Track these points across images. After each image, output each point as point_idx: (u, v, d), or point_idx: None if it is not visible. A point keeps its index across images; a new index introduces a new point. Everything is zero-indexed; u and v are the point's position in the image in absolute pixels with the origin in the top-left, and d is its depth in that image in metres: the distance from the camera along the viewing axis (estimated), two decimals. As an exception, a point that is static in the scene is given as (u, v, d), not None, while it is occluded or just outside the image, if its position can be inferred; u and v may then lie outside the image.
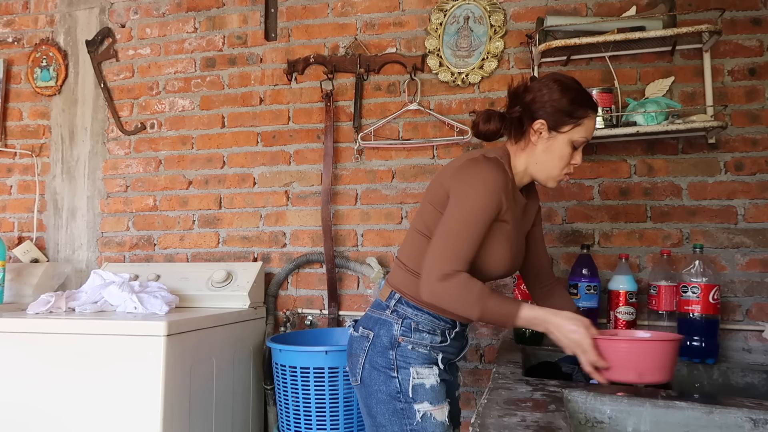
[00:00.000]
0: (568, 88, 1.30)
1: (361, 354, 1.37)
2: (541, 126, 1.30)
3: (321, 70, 2.25)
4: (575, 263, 1.87)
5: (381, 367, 1.33)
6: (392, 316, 1.36)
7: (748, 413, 0.99)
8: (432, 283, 1.24)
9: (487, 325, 2.03)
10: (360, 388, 1.38)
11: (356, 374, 1.38)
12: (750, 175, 1.88)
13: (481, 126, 1.37)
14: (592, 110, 1.31)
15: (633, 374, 1.19)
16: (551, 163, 1.32)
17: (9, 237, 2.51)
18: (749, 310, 1.85)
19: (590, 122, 1.31)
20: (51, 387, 1.64)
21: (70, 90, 2.52)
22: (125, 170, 2.44)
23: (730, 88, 1.91)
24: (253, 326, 2.10)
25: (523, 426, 0.86)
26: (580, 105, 1.29)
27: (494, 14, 2.09)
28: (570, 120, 1.29)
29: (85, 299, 1.91)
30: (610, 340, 1.23)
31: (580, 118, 1.29)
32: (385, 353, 1.33)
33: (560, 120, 1.29)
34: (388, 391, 1.32)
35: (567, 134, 1.29)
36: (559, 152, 1.31)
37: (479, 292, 1.22)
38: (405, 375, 1.31)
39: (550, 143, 1.31)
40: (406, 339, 1.34)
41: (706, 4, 1.92)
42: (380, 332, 1.35)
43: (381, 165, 2.19)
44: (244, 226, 2.31)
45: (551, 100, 1.29)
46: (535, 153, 1.33)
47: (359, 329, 1.41)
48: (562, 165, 1.32)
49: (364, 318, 1.44)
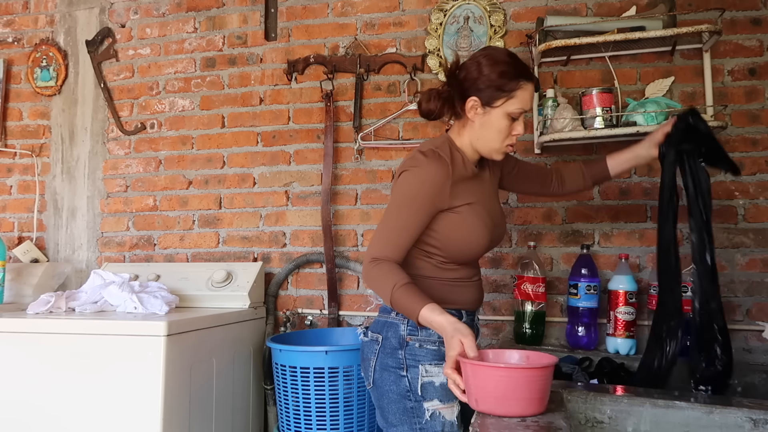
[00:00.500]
0: (497, 61, 1.29)
1: (372, 357, 1.38)
2: (475, 103, 1.31)
3: (321, 70, 2.25)
4: (575, 263, 1.87)
5: (391, 368, 1.34)
6: (398, 317, 1.36)
7: (748, 413, 0.99)
8: (364, 266, 1.31)
9: (487, 325, 2.03)
10: (373, 391, 1.39)
11: (369, 377, 1.39)
12: (750, 175, 1.88)
13: (423, 105, 1.39)
14: (525, 80, 1.30)
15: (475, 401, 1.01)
16: (491, 137, 1.33)
17: (9, 237, 2.51)
18: (749, 310, 1.85)
19: (524, 93, 1.30)
20: (51, 387, 1.64)
21: (70, 90, 2.52)
22: (125, 170, 2.44)
23: (730, 88, 1.91)
24: (253, 326, 2.10)
25: (523, 426, 0.86)
26: (511, 78, 1.28)
27: (494, 14, 2.09)
28: (502, 94, 1.29)
29: (85, 299, 1.91)
30: (460, 360, 1.06)
31: (511, 90, 1.29)
32: (395, 353, 1.34)
33: (492, 95, 1.29)
34: (398, 391, 1.32)
35: (501, 108, 1.30)
36: (496, 126, 1.32)
37: (392, 282, 1.24)
38: (414, 373, 1.32)
39: (486, 118, 1.32)
40: (414, 337, 1.34)
41: (706, 4, 1.92)
42: (388, 334, 1.36)
43: (381, 165, 2.19)
44: (244, 226, 2.31)
45: (480, 76, 1.29)
46: (474, 129, 1.34)
47: (369, 334, 1.42)
48: (502, 137, 1.33)
49: (373, 323, 1.45)
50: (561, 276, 1.97)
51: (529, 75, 1.32)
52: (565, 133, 1.84)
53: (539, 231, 2.02)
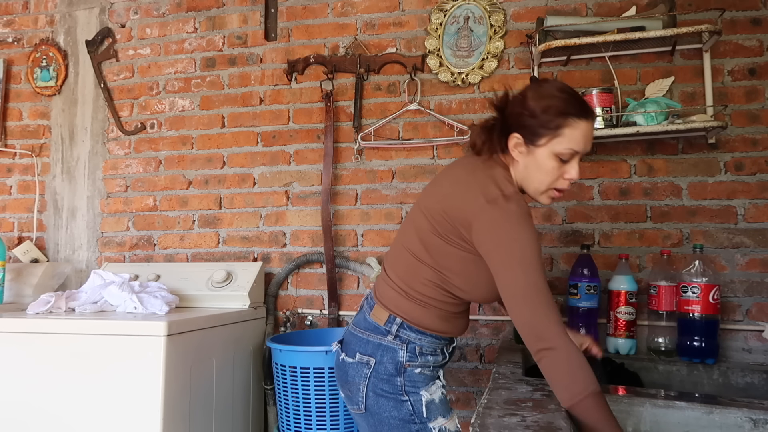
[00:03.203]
0: (543, 95, 1.18)
1: (362, 381, 1.30)
2: (518, 140, 1.20)
3: (321, 70, 2.25)
4: (575, 263, 1.87)
5: (389, 394, 1.28)
6: (395, 342, 1.29)
7: (748, 413, 0.99)
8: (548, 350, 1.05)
9: (487, 325, 2.04)
10: (366, 417, 1.31)
11: (358, 402, 1.31)
12: (750, 175, 1.88)
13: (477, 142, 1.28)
14: (577, 117, 1.15)
15: None
16: (537, 178, 1.21)
17: (9, 237, 2.51)
18: (749, 310, 1.85)
19: (574, 132, 1.15)
20: (51, 387, 1.64)
21: (70, 90, 2.52)
22: (125, 170, 2.44)
23: (730, 88, 1.91)
24: (253, 326, 2.10)
25: (523, 426, 0.86)
26: (558, 113, 1.15)
27: (494, 14, 2.09)
28: (545, 131, 1.16)
29: (85, 299, 1.91)
30: None
31: (557, 128, 1.15)
32: (392, 380, 1.28)
33: (534, 132, 1.17)
34: (400, 416, 1.27)
35: (546, 147, 1.17)
36: (542, 167, 1.19)
37: (586, 385, 1.02)
38: (416, 397, 1.28)
39: (530, 159, 1.20)
40: (413, 363, 1.29)
41: (706, 4, 1.92)
42: (383, 359, 1.29)
43: (381, 165, 2.19)
44: (244, 226, 2.31)
45: (524, 111, 1.18)
46: (519, 168, 1.23)
47: (355, 355, 1.31)
48: (549, 180, 1.21)
49: (357, 342, 1.33)
50: (561, 276, 1.97)
51: (580, 111, 1.16)
52: (565, 133, 1.84)
53: (539, 231, 2.02)
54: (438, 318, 1.30)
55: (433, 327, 1.30)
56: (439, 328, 1.31)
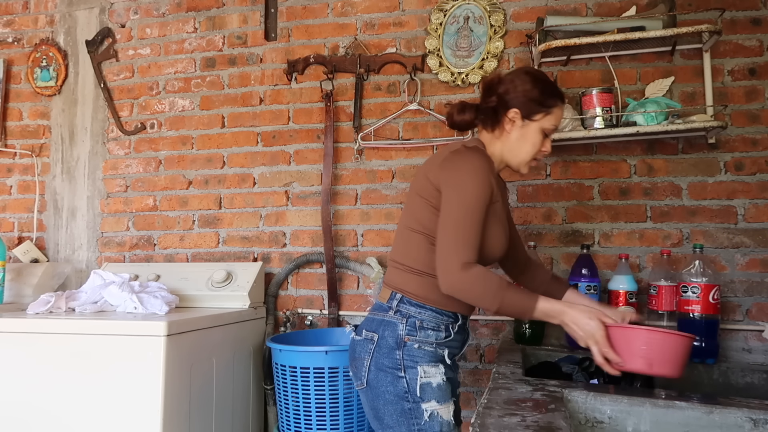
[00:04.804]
0: (539, 79, 1.39)
1: (366, 357, 1.36)
2: (515, 114, 1.38)
3: (321, 70, 2.25)
4: (575, 263, 1.87)
5: (388, 368, 1.33)
6: (396, 316, 1.36)
7: (748, 413, 0.99)
8: (452, 273, 1.26)
9: (487, 325, 2.03)
10: (366, 391, 1.37)
11: (361, 377, 1.37)
12: (750, 175, 1.88)
13: (456, 116, 1.45)
14: (561, 101, 1.40)
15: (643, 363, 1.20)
16: (524, 150, 1.41)
17: (9, 237, 2.51)
18: (749, 310, 1.85)
19: (559, 111, 1.40)
20: (51, 387, 1.64)
21: (70, 90, 2.52)
22: (125, 170, 2.44)
23: (730, 88, 1.91)
24: (253, 326, 2.10)
25: (523, 426, 0.86)
26: (550, 95, 1.38)
27: (494, 14, 2.09)
28: (541, 109, 1.37)
29: (85, 299, 1.91)
30: (623, 328, 1.23)
31: (550, 107, 1.38)
32: (392, 354, 1.33)
33: (532, 109, 1.37)
34: (395, 392, 1.32)
35: (539, 122, 1.38)
36: (531, 139, 1.40)
37: (498, 284, 1.25)
38: (413, 374, 1.31)
39: (523, 131, 1.39)
40: (412, 338, 1.34)
41: (706, 4, 1.92)
42: (385, 333, 1.35)
43: (381, 165, 2.19)
44: (244, 226, 2.31)
45: (524, 91, 1.37)
46: (510, 140, 1.41)
47: (362, 332, 1.41)
48: (533, 151, 1.41)
49: (366, 321, 1.44)
50: (561, 276, 1.97)
51: (563, 97, 1.42)
52: (565, 133, 1.84)
53: (539, 231, 2.03)
54: (435, 287, 1.32)
55: (431, 297, 1.36)
56: (436, 298, 1.35)
